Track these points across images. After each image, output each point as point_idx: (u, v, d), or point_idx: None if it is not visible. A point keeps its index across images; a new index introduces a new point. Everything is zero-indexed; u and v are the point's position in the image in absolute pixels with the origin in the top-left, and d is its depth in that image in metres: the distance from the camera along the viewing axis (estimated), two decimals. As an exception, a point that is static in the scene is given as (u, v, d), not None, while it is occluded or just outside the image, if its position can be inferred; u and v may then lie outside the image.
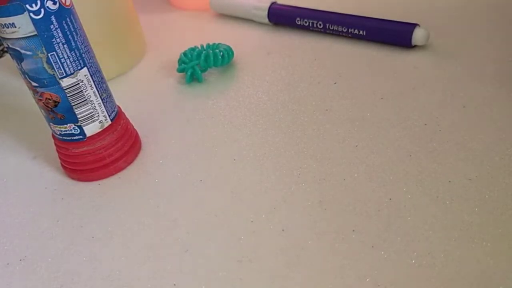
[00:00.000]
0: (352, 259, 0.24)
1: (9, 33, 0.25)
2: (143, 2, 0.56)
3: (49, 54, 0.26)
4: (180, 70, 0.40)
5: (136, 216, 0.28)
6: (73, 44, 0.27)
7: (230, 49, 0.40)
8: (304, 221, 0.26)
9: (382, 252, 0.24)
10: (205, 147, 0.32)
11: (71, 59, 0.27)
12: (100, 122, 0.30)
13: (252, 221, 0.26)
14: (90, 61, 0.29)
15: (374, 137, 0.31)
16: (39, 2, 0.25)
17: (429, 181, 0.27)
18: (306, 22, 0.43)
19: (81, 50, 0.28)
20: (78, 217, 0.29)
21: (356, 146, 0.30)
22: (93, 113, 0.29)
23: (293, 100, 0.35)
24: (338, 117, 0.33)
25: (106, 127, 0.30)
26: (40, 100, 0.28)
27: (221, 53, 0.39)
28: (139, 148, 0.33)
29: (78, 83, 0.28)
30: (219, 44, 0.41)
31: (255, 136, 0.32)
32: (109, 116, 0.30)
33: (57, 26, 0.26)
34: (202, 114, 0.36)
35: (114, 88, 0.34)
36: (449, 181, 0.27)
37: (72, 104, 0.28)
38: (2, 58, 0.50)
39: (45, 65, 0.27)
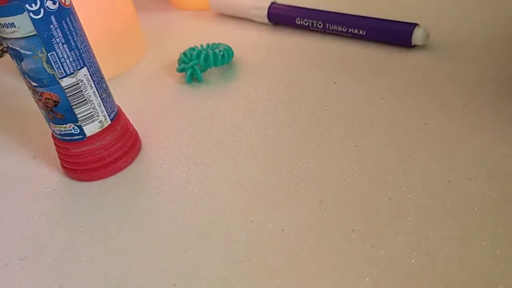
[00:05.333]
0: (352, 259, 0.24)
1: (8, 33, 0.25)
2: (143, 2, 0.56)
3: (48, 54, 0.26)
4: (180, 70, 0.40)
5: (136, 216, 0.28)
6: (72, 44, 0.27)
7: (230, 49, 0.40)
8: (304, 221, 0.26)
9: (382, 252, 0.24)
10: (205, 147, 0.32)
11: (70, 59, 0.27)
12: (100, 122, 0.30)
13: (252, 221, 0.26)
14: (90, 61, 0.29)
15: (374, 137, 0.31)
16: (38, 2, 0.25)
17: (429, 181, 0.27)
18: (306, 22, 0.43)
19: (81, 50, 0.28)
20: (78, 217, 0.29)
21: (356, 146, 0.30)
22: (93, 113, 0.29)
23: (293, 100, 0.35)
24: (338, 117, 0.33)
25: (106, 127, 0.30)
26: (40, 100, 0.28)
27: (221, 53, 0.39)
28: (139, 148, 0.33)
29: (78, 83, 0.28)
30: (219, 44, 0.41)
31: (255, 136, 0.32)
32: (109, 116, 0.30)
33: (56, 26, 0.26)
34: (202, 114, 0.36)
35: (114, 88, 0.34)
36: (449, 181, 0.27)
37: (72, 104, 0.28)
38: (2, 58, 0.50)
39: (45, 65, 0.27)
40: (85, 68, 0.28)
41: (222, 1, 0.48)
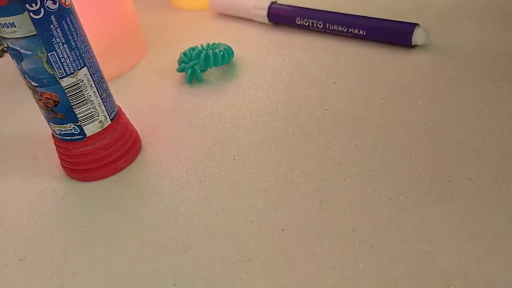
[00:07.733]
0: (352, 259, 0.24)
1: (9, 33, 0.25)
2: (143, 2, 0.56)
3: (49, 54, 0.26)
4: (180, 70, 0.40)
5: (136, 216, 0.28)
6: (73, 43, 0.27)
7: (230, 48, 0.40)
8: (304, 221, 0.26)
9: (382, 252, 0.24)
10: (205, 147, 0.32)
11: (71, 58, 0.27)
12: (100, 122, 0.30)
13: (252, 221, 0.26)
14: (90, 60, 0.29)
15: (374, 137, 0.31)
16: (39, 2, 0.25)
17: (429, 181, 0.27)
18: (306, 22, 0.43)
19: (81, 50, 0.28)
20: (78, 217, 0.29)
21: (356, 146, 0.30)
22: (93, 113, 0.29)
23: (293, 100, 0.35)
24: (338, 117, 0.33)
25: (106, 127, 0.30)
26: (40, 100, 0.28)
27: (221, 52, 0.39)
28: (139, 148, 0.33)
29: (78, 83, 0.28)
30: (219, 43, 0.41)
31: (255, 136, 0.32)
32: (109, 116, 0.30)
33: (57, 26, 0.26)
34: (202, 114, 0.36)
35: (114, 88, 0.34)
36: (449, 181, 0.27)
37: (72, 104, 0.28)
38: (2, 58, 0.50)
39: (45, 65, 0.27)
40: (85, 68, 0.28)
41: (222, 1, 0.48)
